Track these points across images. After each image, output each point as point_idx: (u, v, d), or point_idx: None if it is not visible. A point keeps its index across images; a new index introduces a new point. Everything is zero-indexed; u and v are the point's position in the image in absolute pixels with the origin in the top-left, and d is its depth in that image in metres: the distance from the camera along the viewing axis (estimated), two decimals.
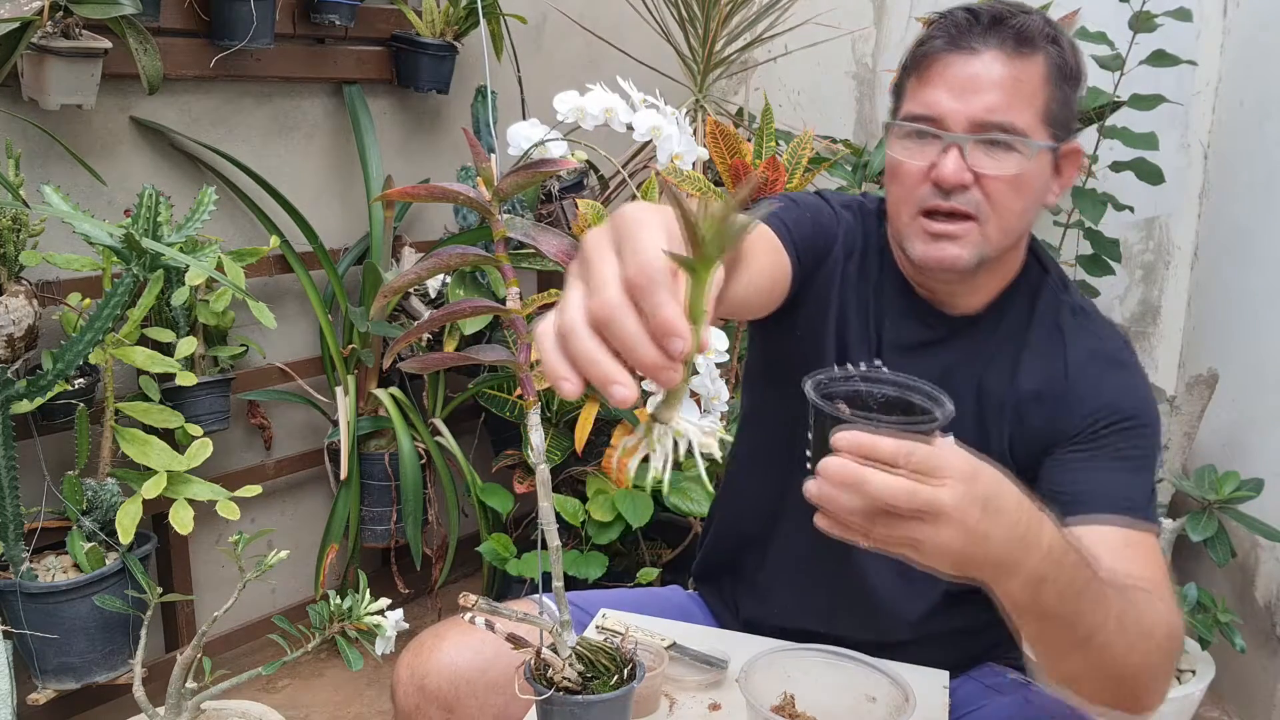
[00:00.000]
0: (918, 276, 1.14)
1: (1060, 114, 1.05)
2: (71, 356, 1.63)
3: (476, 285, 2.26)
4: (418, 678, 1.13)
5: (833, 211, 1.18)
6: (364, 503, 2.26)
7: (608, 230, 0.57)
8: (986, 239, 1.05)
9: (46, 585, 1.68)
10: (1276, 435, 2.02)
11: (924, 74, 1.06)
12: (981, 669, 1.23)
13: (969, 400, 1.11)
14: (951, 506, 0.67)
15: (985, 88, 1.01)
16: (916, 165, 1.05)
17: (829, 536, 1.18)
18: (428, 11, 2.26)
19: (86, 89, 1.67)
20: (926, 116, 1.04)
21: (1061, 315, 1.12)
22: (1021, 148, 1.02)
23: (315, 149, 2.25)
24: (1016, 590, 0.75)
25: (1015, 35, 1.02)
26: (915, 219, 1.06)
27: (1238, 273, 2.21)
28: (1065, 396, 1.08)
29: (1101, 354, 1.10)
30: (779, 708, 1.00)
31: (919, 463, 0.67)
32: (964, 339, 1.14)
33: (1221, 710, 2.13)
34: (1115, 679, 0.84)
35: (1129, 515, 1.00)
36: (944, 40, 1.04)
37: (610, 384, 0.52)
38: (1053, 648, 0.82)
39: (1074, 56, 1.06)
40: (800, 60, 2.58)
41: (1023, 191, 1.04)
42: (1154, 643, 0.85)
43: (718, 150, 2.07)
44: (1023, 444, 1.10)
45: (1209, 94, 2.35)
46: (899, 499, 0.67)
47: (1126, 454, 1.05)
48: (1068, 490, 1.03)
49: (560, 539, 0.83)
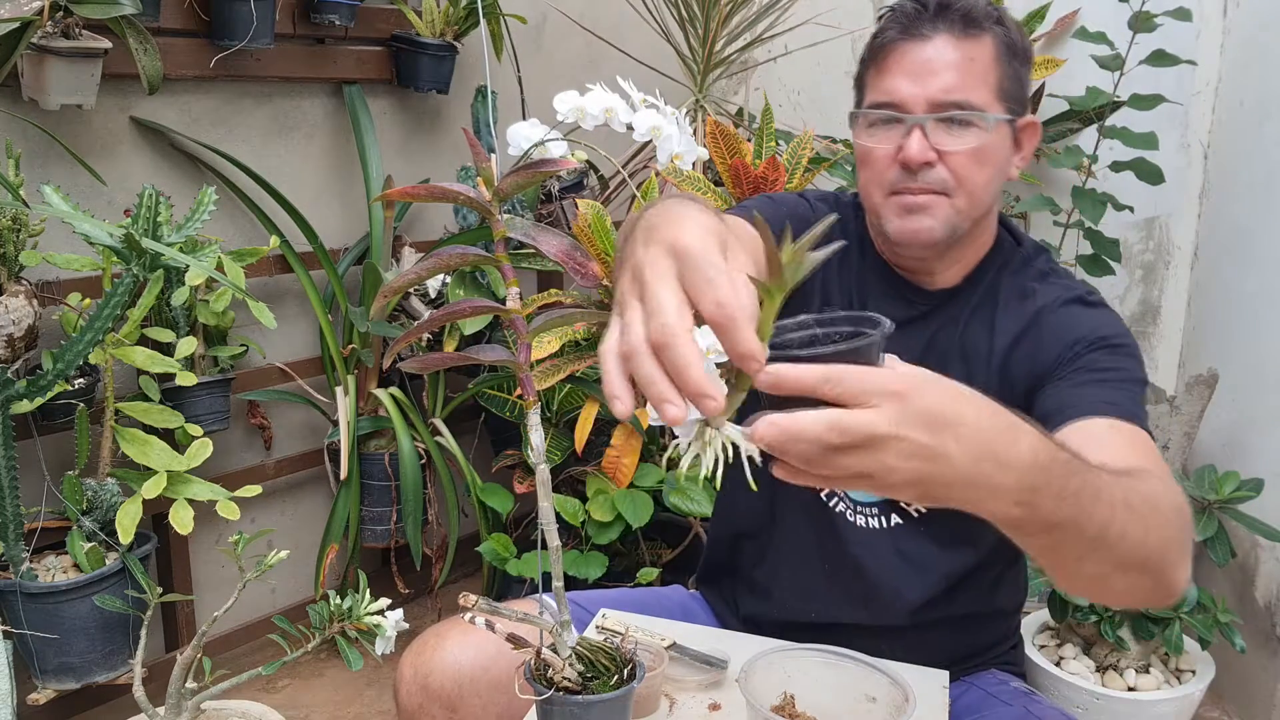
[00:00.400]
0: (895, 258, 1.19)
1: (1013, 89, 1.11)
2: (71, 356, 1.63)
3: (476, 285, 2.26)
4: (421, 676, 1.13)
5: (809, 205, 1.25)
6: (364, 503, 2.26)
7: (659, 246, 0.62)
8: (956, 211, 1.11)
9: (46, 585, 1.68)
10: (1276, 435, 2.02)
11: (881, 64, 1.12)
12: (984, 676, 1.24)
13: (956, 364, 1.16)
14: (885, 429, 0.61)
15: (940, 70, 1.08)
16: (884, 150, 1.11)
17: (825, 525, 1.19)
18: (428, 11, 2.26)
19: (86, 89, 1.67)
20: (888, 103, 1.11)
21: (1029, 277, 1.18)
22: (979, 122, 1.08)
23: (315, 149, 2.25)
24: (1009, 509, 0.68)
25: (962, 18, 1.09)
26: (888, 199, 1.13)
27: (1238, 273, 2.21)
28: (1040, 339, 1.13)
29: (1068, 298, 1.15)
30: (779, 708, 1.00)
31: (843, 391, 0.60)
32: (944, 311, 1.18)
33: (1221, 710, 2.13)
34: (1140, 566, 0.79)
35: (1114, 418, 0.99)
36: (896, 30, 1.11)
37: (664, 403, 0.58)
38: (1068, 557, 0.76)
39: (1020, 35, 1.13)
40: (800, 60, 2.58)
41: (985, 164, 1.10)
42: (1165, 516, 0.81)
43: (718, 150, 2.07)
44: (1012, 397, 1.12)
45: (1209, 94, 2.35)
46: (825, 434, 0.60)
47: (1104, 369, 1.07)
48: (1049, 410, 1.04)
49: (560, 539, 0.83)
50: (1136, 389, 1.06)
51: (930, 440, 0.62)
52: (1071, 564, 0.77)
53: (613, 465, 2.09)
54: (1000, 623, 1.28)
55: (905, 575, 1.19)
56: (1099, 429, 0.98)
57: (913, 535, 1.18)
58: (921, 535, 1.18)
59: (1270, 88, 2.12)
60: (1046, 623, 2.05)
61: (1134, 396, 1.05)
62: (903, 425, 0.61)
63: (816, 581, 1.23)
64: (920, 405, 0.62)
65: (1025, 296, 1.16)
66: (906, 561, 1.18)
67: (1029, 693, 1.20)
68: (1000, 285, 1.18)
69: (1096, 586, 0.83)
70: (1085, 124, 2.39)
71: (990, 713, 1.16)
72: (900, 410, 0.61)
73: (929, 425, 0.62)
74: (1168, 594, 0.85)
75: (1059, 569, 0.80)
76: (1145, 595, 0.85)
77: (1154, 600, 0.86)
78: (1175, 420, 2.10)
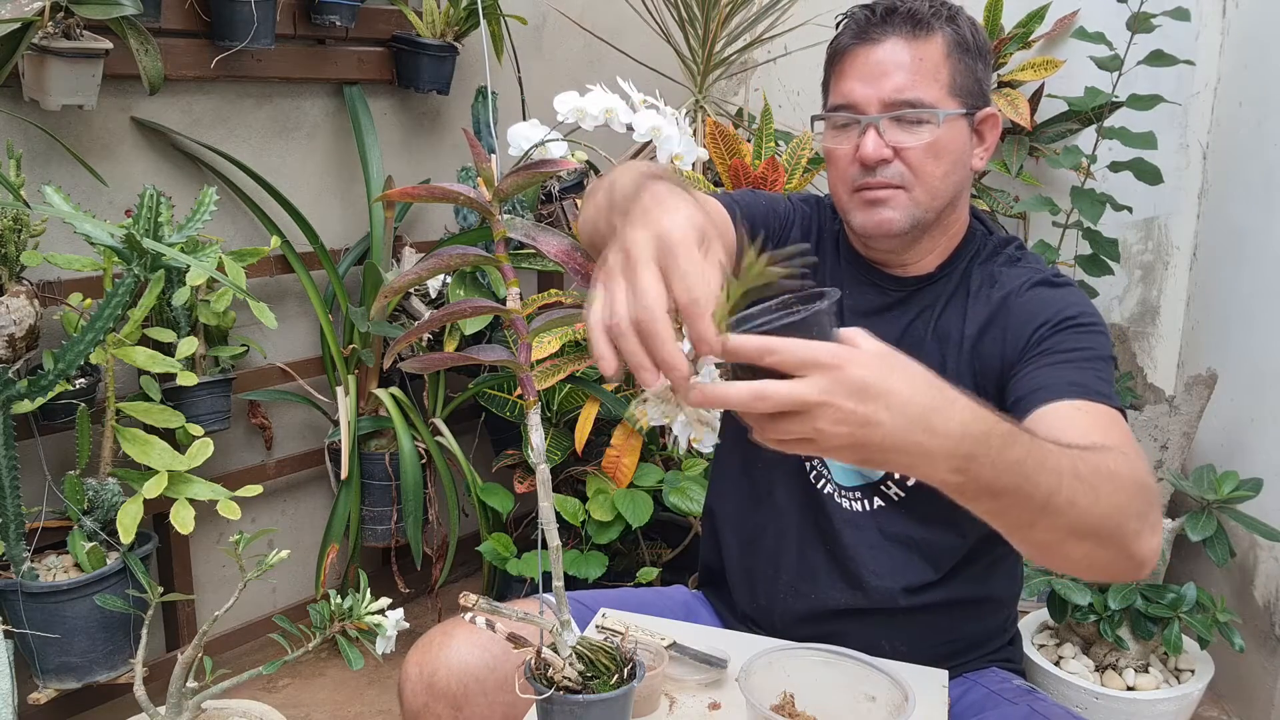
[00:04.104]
0: (867, 250, 1.24)
1: (967, 84, 1.16)
2: (73, 356, 1.63)
3: (477, 285, 2.26)
4: (426, 675, 1.14)
5: (789, 202, 1.32)
6: (364, 502, 2.26)
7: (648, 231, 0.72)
8: (916, 203, 1.16)
9: (48, 585, 1.68)
10: (1275, 435, 2.03)
11: (839, 68, 1.19)
12: (986, 675, 1.25)
13: (932, 347, 1.20)
14: (815, 398, 0.67)
15: (891, 71, 1.14)
16: (844, 149, 1.17)
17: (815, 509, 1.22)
18: (428, 12, 2.27)
19: (87, 89, 1.68)
20: (845, 105, 1.17)
21: (999, 263, 1.22)
22: (931, 119, 1.13)
23: (316, 149, 2.25)
24: (946, 475, 0.74)
25: (910, 20, 1.14)
26: (852, 195, 1.18)
27: (1236, 273, 2.22)
28: (1008, 324, 1.16)
29: (1034, 280, 1.18)
30: (778, 707, 1.00)
31: (779, 360, 0.68)
32: (919, 298, 1.23)
33: (1221, 710, 2.14)
34: (1093, 534, 0.83)
35: (1080, 399, 1.03)
36: (850, 35, 1.17)
37: (641, 370, 0.69)
38: (1019, 522, 0.81)
39: (973, 32, 1.18)
40: (800, 60, 2.58)
41: (941, 157, 1.15)
42: (1120, 486, 0.84)
43: (717, 151, 2.08)
44: (985, 382, 1.16)
45: (1208, 94, 2.35)
46: (750, 401, 0.68)
47: (1069, 350, 1.10)
48: (1020, 395, 1.08)
49: (560, 539, 0.83)
50: (1102, 365, 1.09)
51: (859, 408, 0.69)
52: (1024, 530, 0.83)
53: (613, 465, 2.10)
54: (996, 612, 1.29)
55: (892, 557, 1.21)
56: (1066, 411, 1.02)
57: (895, 518, 1.21)
58: (903, 517, 1.20)
59: (1269, 88, 2.13)
60: (1045, 622, 2.05)
61: (1100, 374, 1.07)
62: (832, 394, 0.68)
63: (810, 566, 1.25)
64: (851, 375, 0.68)
65: (994, 282, 1.20)
66: (892, 543, 1.21)
67: (1032, 690, 1.21)
68: (972, 273, 1.22)
69: (1053, 554, 0.87)
70: (1084, 124, 2.40)
71: (994, 711, 1.17)
72: (831, 380, 0.68)
73: (858, 394, 0.68)
74: (1132, 565, 0.88)
75: (1012, 534, 0.85)
76: (1107, 566, 0.88)
77: (1120, 572, 0.90)
78: (1174, 420, 2.10)
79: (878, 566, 1.21)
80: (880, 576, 1.21)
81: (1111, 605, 1.87)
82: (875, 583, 1.21)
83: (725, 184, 2.09)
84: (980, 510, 0.80)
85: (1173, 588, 1.87)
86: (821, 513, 1.23)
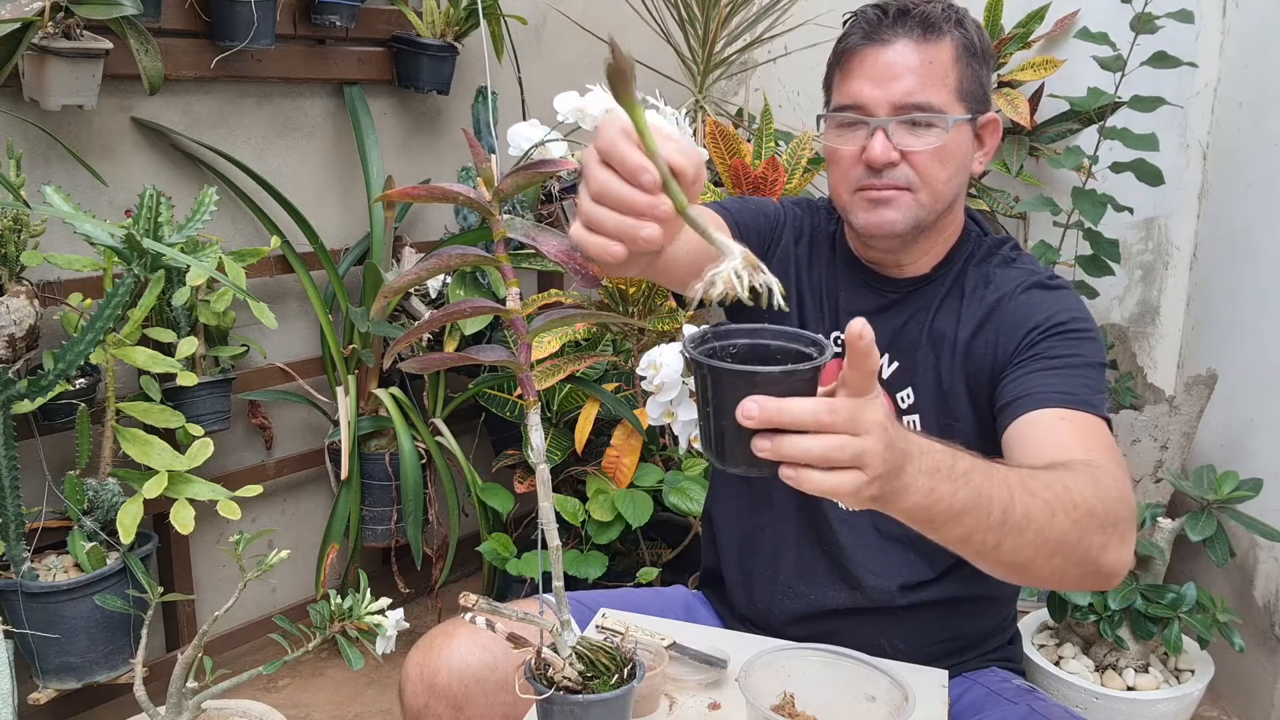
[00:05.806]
0: (865, 251, 1.25)
1: (973, 89, 1.16)
2: (73, 357, 1.63)
3: (477, 285, 2.26)
4: (427, 675, 1.14)
5: (780, 206, 1.33)
6: (364, 502, 2.26)
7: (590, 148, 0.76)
8: (920, 205, 1.16)
9: (48, 585, 1.68)
10: (1275, 435, 2.03)
11: (846, 68, 1.17)
12: (986, 674, 1.25)
13: (926, 348, 1.20)
14: None
15: (901, 73, 1.13)
16: (849, 150, 1.16)
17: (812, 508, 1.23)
18: (428, 12, 2.26)
19: (87, 89, 1.68)
20: (853, 105, 1.16)
21: (992, 265, 1.22)
22: (940, 123, 1.13)
23: (316, 149, 2.25)
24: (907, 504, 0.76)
25: (921, 23, 1.13)
26: (854, 196, 1.18)
27: (1237, 273, 2.22)
28: (1000, 327, 1.16)
29: (1029, 282, 1.18)
30: (778, 707, 1.00)
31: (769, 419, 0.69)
32: (914, 299, 1.23)
33: (1220, 710, 2.13)
34: (1058, 549, 0.84)
35: (1065, 407, 1.03)
36: (859, 35, 1.16)
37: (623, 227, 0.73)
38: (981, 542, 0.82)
39: (979, 36, 1.18)
40: (800, 60, 2.58)
41: (946, 161, 1.15)
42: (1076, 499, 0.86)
43: (717, 151, 2.08)
44: (978, 383, 1.17)
45: (1208, 95, 2.35)
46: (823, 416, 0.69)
47: (1058, 356, 1.10)
48: (1006, 400, 1.09)
49: (560, 539, 0.83)
50: (1091, 373, 1.09)
51: None
52: (987, 548, 0.83)
53: (613, 465, 2.10)
54: (994, 610, 1.29)
55: (889, 555, 1.21)
56: (1049, 419, 1.03)
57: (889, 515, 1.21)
58: None
59: (1270, 88, 2.13)
60: (1045, 622, 2.05)
61: (1087, 382, 1.07)
62: None
63: (808, 565, 1.25)
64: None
65: (988, 284, 1.20)
66: (889, 541, 1.21)
67: (1032, 690, 1.21)
68: (967, 274, 1.22)
69: (1025, 573, 0.88)
70: (1085, 124, 2.40)
71: (994, 711, 1.17)
72: None
73: None
74: (1100, 578, 0.90)
75: (983, 559, 0.85)
76: (1078, 579, 0.90)
77: (1091, 585, 0.91)
78: (1174, 420, 2.10)
79: (875, 565, 1.22)
80: (877, 575, 1.22)
81: (1111, 605, 1.87)
82: (873, 581, 1.22)
83: (725, 184, 2.09)
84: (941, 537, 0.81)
85: (1173, 588, 1.87)
86: (818, 513, 1.24)
